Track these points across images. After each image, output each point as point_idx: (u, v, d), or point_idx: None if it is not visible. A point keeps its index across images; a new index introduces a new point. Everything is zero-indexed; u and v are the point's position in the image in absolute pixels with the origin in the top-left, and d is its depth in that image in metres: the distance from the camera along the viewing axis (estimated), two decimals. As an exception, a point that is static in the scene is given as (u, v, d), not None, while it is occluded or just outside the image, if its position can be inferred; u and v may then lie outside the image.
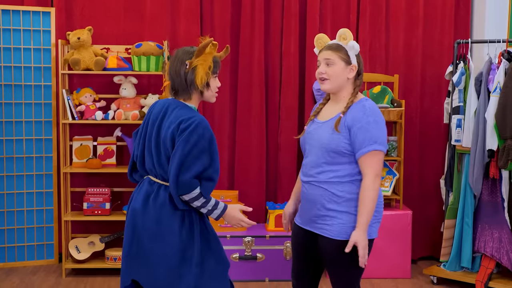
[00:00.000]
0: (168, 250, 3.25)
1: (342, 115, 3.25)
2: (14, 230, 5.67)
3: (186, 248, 3.26)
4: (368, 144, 3.18)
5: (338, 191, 3.25)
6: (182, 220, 3.27)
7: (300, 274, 3.52)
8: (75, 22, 5.68)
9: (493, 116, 4.95)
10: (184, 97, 3.32)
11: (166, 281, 3.26)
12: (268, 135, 5.90)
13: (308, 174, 3.35)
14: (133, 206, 3.36)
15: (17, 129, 5.62)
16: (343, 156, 3.24)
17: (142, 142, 3.39)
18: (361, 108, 3.25)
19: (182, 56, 3.29)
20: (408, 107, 5.88)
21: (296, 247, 3.51)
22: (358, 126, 3.20)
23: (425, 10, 5.92)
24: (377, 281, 5.43)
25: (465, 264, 5.27)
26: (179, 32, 5.72)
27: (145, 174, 3.43)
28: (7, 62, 5.56)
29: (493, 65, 5.10)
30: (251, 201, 5.75)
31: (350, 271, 3.30)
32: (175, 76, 3.30)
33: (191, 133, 3.16)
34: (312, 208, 3.32)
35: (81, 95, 5.51)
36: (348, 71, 3.31)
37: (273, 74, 5.85)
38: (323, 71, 3.31)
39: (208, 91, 3.33)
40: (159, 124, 3.29)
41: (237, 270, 5.37)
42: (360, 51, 5.79)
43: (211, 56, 3.28)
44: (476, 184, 5.14)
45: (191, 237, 3.28)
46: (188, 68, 3.26)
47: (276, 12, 5.80)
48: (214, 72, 3.33)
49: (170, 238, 3.25)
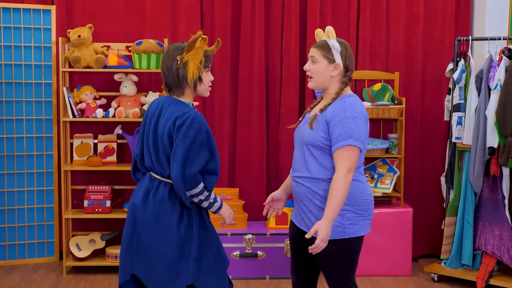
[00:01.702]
0: (166, 246, 3.27)
1: (319, 113, 3.28)
2: (15, 228, 5.67)
3: (184, 244, 3.29)
4: (343, 138, 3.17)
5: (321, 190, 3.25)
6: (180, 217, 3.30)
7: (298, 271, 3.53)
8: (75, 20, 5.68)
9: (493, 113, 4.95)
10: (178, 93, 3.34)
11: (164, 276, 3.29)
12: (269, 132, 5.90)
13: (294, 169, 3.39)
14: (133, 202, 3.39)
15: (18, 127, 5.63)
16: (321, 150, 3.24)
17: (141, 141, 3.42)
18: (341, 104, 3.25)
19: (173, 52, 3.32)
20: (409, 104, 5.88)
21: (292, 245, 3.52)
22: (336, 120, 3.20)
23: (426, 7, 5.92)
24: (378, 279, 5.43)
25: (466, 261, 5.27)
26: (180, 29, 5.72)
27: (146, 171, 3.45)
28: (7, 60, 5.57)
29: (493, 63, 5.10)
30: (251, 198, 5.76)
31: (341, 269, 3.31)
32: (167, 72, 3.32)
33: (188, 128, 3.18)
34: (299, 206, 3.37)
35: (82, 93, 5.52)
36: (331, 69, 3.30)
37: (273, 72, 5.85)
38: (308, 68, 3.34)
39: (201, 85, 3.36)
40: (156, 122, 3.31)
41: (237, 268, 5.37)
42: (360, 48, 5.86)
43: (202, 51, 3.30)
44: (477, 182, 5.14)
45: (190, 234, 3.30)
46: (179, 63, 3.28)
47: (276, 10, 5.80)
48: (206, 66, 3.35)
49: (168, 234, 3.27)
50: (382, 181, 5.47)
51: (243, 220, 5.54)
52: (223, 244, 5.31)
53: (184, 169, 3.18)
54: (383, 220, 5.35)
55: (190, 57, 3.27)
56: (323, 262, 3.31)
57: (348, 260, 3.31)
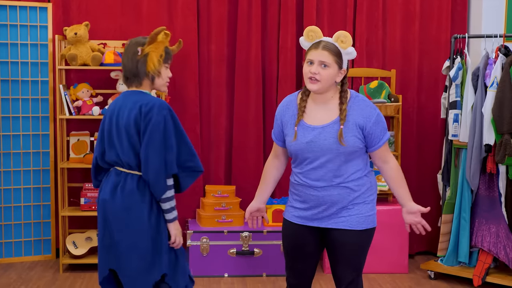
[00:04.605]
0: (139, 238, 3.31)
1: (342, 126, 3.24)
2: (12, 226, 5.66)
3: (156, 235, 3.32)
4: (384, 134, 3.32)
5: (355, 186, 3.32)
6: (150, 207, 3.33)
7: (295, 272, 3.50)
8: (72, 18, 5.67)
9: (490, 111, 4.95)
10: (136, 84, 3.38)
11: (139, 268, 3.32)
12: (266, 130, 5.90)
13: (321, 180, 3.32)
14: (102, 198, 3.41)
15: (14, 125, 5.62)
16: (354, 154, 3.29)
17: (101, 141, 3.44)
18: (363, 104, 3.29)
19: (135, 43, 3.38)
20: (405, 102, 5.88)
21: (294, 246, 3.46)
22: (372, 121, 3.27)
23: (422, 5, 5.93)
24: (375, 276, 5.43)
25: (462, 259, 5.28)
26: (176, 27, 5.71)
27: (109, 167, 3.48)
28: (4, 57, 5.56)
29: (490, 60, 5.11)
30: (248, 196, 5.75)
31: (361, 259, 3.40)
32: (127, 62, 3.37)
33: (158, 115, 3.23)
34: (328, 207, 3.33)
35: (78, 91, 5.51)
36: (338, 75, 3.28)
37: (270, 70, 5.85)
38: (317, 71, 3.21)
39: (159, 78, 3.39)
40: (117, 115, 3.34)
41: (234, 265, 5.37)
42: (357, 46, 5.87)
43: (163, 45, 3.37)
44: (473, 179, 5.15)
45: (160, 224, 3.34)
46: (140, 54, 3.33)
47: (273, 7, 5.80)
48: (166, 62, 3.40)
49: (140, 226, 3.31)
50: (379, 179, 5.47)
51: (240, 217, 5.54)
52: (220, 242, 5.36)
53: (165, 156, 3.24)
54: (380, 217, 5.27)
55: (152, 49, 3.33)
56: (348, 252, 3.35)
57: (367, 249, 3.43)
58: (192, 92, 5.76)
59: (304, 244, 3.43)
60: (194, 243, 5.35)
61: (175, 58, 5.69)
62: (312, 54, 3.25)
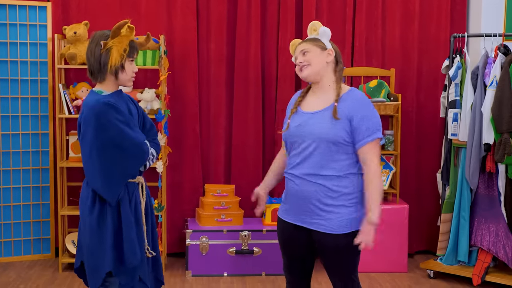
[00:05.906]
0: (83, 232, 3.35)
1: (336, 104, 3.23)
2: (11, 225, 5.66)
3: (98, 230, 3.29)
4: (372, 132, 3.20)
5: (334, 185, 3.23)
6: (92, 203, 3.31)
7: (292, 270, 3.51)
8: (71, 17, 5.66)
9: (489, 110, 4.96)
10: (99, 79, 3.33)
11: (88, 264, 3.34)
12: (265, 129, 5.90)
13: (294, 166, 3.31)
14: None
15: (14, 124, 5.62)
16: (338, 146, 3.21)
17: None
18: (356, 97, 3.26)
19: (99, 37, 3.29)
20: (405, 101, 5.88)
21: (285, 244, 3.48)
22: (360, 115, 3.20)
23: (421, 4, 5.93)
24: (374, 275, 5.44)
25: (462, 258, 5.28)
26: (176, 26, 5.71)
27: None
28: (3, 56, 5.55)
29: (489, 59, 5.11)
30: (247, 195, 5.74)
31: (348, 263, 3.32)
32: (90, 57, 3.30)
33: (86, 119, 3.22)
34: (305, 204, 3.29)
35: (78, 90, 5.51)
36: (325, 55, 3.30)
37: (269, 69, 5.85)
38: (301, 60, 3.32)
39: (123, 74, 3.32)
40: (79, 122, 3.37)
41: (233, 265, 5.37)
42: (356, 45, 5.87)
43: (128, 39, 3.27)
44: (473, 178, 5.15)
45: (104, 220, 3.31)
46: (103, 49, 3.25)
47: (272, 6, 5.80)
48: (130, 56, 3.31)
49: (83, 220, 3.35)
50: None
51: (239, 216, 5.54)
52: (219, 241, 5.35)
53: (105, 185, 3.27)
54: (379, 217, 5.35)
55: (114, 43, 3.24)
56: (332, 257, 3.30)
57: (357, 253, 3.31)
58: (192, 92, 5.75)
59: (293, 241, 3.43)
60: (194, 242, 5.35)
61: (175, 58, 5.72)
62: (295, 55, 3.41)
